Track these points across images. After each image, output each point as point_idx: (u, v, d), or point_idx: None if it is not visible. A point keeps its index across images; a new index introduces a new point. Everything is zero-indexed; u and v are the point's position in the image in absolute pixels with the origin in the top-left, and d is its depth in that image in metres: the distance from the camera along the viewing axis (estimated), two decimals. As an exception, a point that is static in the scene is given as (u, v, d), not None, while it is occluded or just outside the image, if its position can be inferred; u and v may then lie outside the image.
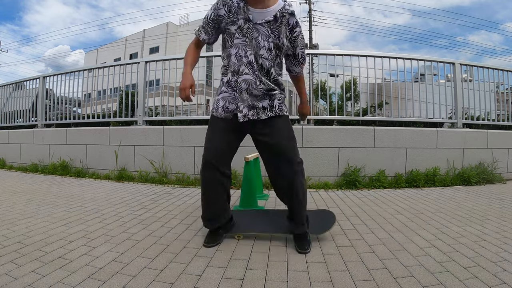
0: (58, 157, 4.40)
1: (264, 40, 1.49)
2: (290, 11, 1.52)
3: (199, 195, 2.94)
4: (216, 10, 1.54)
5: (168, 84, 4.20)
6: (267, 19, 1.48)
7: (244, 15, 1.48)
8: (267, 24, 1.49)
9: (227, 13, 1.51)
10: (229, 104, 1.54)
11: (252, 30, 1.48)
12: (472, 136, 3.84)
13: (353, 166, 3.42)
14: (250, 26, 1.48)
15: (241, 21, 1.49)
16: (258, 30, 1.49)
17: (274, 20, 1.49)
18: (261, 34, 1.49)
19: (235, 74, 1.52)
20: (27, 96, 5.44)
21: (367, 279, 1.26)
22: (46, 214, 2.21)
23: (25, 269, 1.31)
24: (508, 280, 1.23)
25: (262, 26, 1.48)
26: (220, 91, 1.58)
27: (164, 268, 1.35)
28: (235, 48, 1.51)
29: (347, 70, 3.87)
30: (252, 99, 1.52)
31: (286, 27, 1.53)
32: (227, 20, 1.52)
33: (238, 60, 1.51)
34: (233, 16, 1.50)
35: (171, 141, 3.76)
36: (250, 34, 1.49)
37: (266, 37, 1.49)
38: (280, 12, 1.49)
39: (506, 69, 4.35)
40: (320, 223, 1.78)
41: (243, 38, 1.49)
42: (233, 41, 1.51)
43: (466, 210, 2.38)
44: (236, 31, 1.50)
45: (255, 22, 1.48)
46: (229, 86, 1.55)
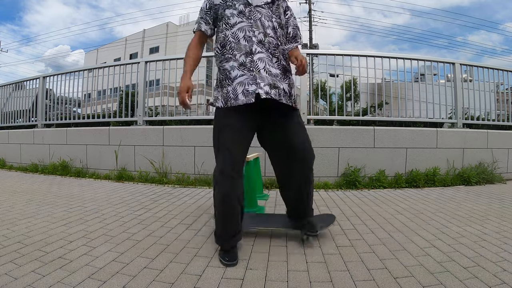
0: (58, 157, 4.40)
1: (268, 20, 1.52)
2: None
3: (199, 195, 2.96)
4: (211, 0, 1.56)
5: (168, 84, 4.20)
6: (266, 1, 1.54)
7: (243, 0, 1.51)
8: (266, 6, 1.54)
9: (224, 1, 1.53)
10: (248, 86, 1.42)
11: (254, 12, 1.50)
12: (472, 136, 3.83)
13: (353, 166, 3.42)
14: (252, 8, 1.50)
15: (241, 6, 1.50)
16: (260, 12, 1.51)
17: (271, 2, 1.55)
18: (263, 15, 1.52)
19: (248, 55, 1.46)
20: (27, 96, 5.44)
21: (367, 279, 1.26)
22: (46, 214, 2.21)
23: (25, 269, 1.31)
24: (508, 280, 1.23)
25: (262, 8, 1.52)
26: (233, 77, 1.46)
27: (164, 268, 1.35)
28: (242, 31, 1.48)
29: (347, 70, 3.87)
30: (272, 78, 1.46)
31: (280, 8, 1.60)
32: (224, 6, 1.53)
33: (248, 41, 1.47)
34: (230, 1, 1.52)
35: (171, 141, 3.76)
36: (253, 16, 1.50)
37: (269, 17, 1.53)
38: None
39: (506, 69, 4.35)
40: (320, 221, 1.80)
41: (248, 20, 1.49)
42: (234, 24, 1.49)
43: (466, 210, 2.38)
44: (238, 15, 1.50)
45: (255, 4, 1.51)
46: (244, 68, 1.45)
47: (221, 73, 1.53)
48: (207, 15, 1.58)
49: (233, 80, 1.46)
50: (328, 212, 2.32)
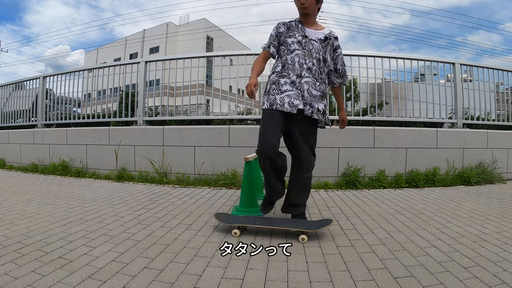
0: (58, 157, 4.40)
1: (316, 52, 1.90)
2: (335, 36, 2.00)
3: (199, 195, 2.96)
4: (277, 29, 1.98)
5: (168, 84, 4.21)
6: (319, 37, 1.92)
7: (301, 33, 1.91)
8: (319, 41, 1.92)
9: (286, 30, 1.95)
10: (294, 100, 1.83)
11: (308, 44, 1.90)
12: (472, 136, 3.84)
13: (353, 166, 3.42)
14: (307, 41, 1.90)
15: (300, 37, 1.90)
16: (313, 45, 1.90)
17: (324, 39, 1.93)
18: (315, 48, 1.90)
19: (298, 77, 1.86)
20: (27, 96, 5.44)
21: (367, 279, 1.26)
22: (46, 214, 2.21)
23: (25, 269, 1.31)
24: (508, 280, 1.23)
25: (315, 41, 1.91)
26: (284, 90, 1.86)
27: (164, 268, 1.35)
28: (297, 57, 1.88)
29: (347, 70, 3.86)
30: (311, 98, 1.85)
31: (331, 47, 1.98)
32: (285, 35, 1.94)
33: (300, 66, 1.87)
34: (291, 32, 1.93)
35: (171, 141, 3.76)
36: (307, 47, 1.89)
37: (317, 50, 1.91)
38: (328, 35, 1.96)
39: (506, 69, 4.35)
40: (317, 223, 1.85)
41: (303, 50, 1.89)
42: (293, 51, 1.89)
43: (466, 210, 2.38)
44: (297, 43, 1.89)
45: (310, 38, 1.91)
46: (294, 86, 1.85)
47: (274, 85, 1.90)
48: (275, 40, 1.97)
49: (283, 92, 1.85)
50: (327, 211, 2.32)
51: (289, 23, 1.97)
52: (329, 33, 1.97)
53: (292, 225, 1.79)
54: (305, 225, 1.78)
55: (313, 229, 1.75)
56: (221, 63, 4.11)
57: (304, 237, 1.69)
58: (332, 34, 1.98)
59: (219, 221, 1.88)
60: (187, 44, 33.49)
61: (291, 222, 1.88)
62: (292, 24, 1.96)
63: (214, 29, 36.19)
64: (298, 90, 1.85)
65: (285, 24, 1.97)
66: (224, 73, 4.14)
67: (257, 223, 1.87)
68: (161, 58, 4.21)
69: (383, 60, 3.87)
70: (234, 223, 1.84)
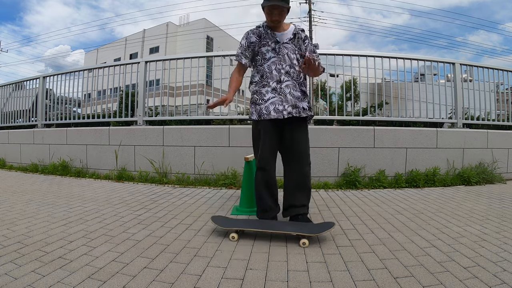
0: (58, 157, 4.40)
1: (292, 53, 1.96)
2: (301, 29, 2.06)
3: (199, 195, 2.96)
4: (248, 38, 1.99)
5: (168, 84, 4.21)
6: (289, 38, 1.97)
7: (273, 39, 1.95)
8: (290, 41, 1.97)
9: (258, 39, 1.97)
10: (279, 106, 1.90)
11: (282, 48, 1.95)
12: (472, 136, 3.83)
13: (353, 166, 3.42)
14: (280, 46, 1.95)
15: (273, 44, 1.95)
16: (286, 47, 1.95)
17: (293, 37, 1.98)
18: (289, 49, 1.95)
19: (278, 83, 1.93)
20: (27, 96, 5.43)
21: (367, 279, 1.26)
22: (46, 214, 2.21)
23: (25, 269, 1.31)
24: (508, 280, 1.23)
25: (287, 44, 1.96)
26: (267, 99, 1.92)
27: (164, 268, 1.35)
28: (274, 64, 1.94)
29: (347, 70, 3.87)
30: (294, 100, 1.92)
31: (301, 40, 2.02)
32: (259, 44, 1.97)
33: (278, 72, 1.93)
34: (264, 40, 1.96)
35: (171, 141, 3.76)
36: (281, 52, 1.94)
37: (292, 51, 1.96)
38: (295, 30, 2.01)
39: (506, 69, 4.35)
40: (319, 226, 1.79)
41: (277, 55, 1.94)
42: (269, 59, 1.94)
43: (466, 210, 2.38)
44: (271, 51, 1.94)
45: (282, 42, 1.96)
46: (275, 92, 1.92)
47: (257, 95, 1.97)
48: (246, 51, 1.99)
49: (266, 100, 1.92)
50: (327, 211, 2.32)
51: (257, 30, 1.99)
52: (295, 29, 2.01)
53: (293, 228, 1.74)
54: (306, 228, 1.73)
55: (314, 232, 1.70)
56: (221, 63, 4.11)
57: (305, 242, 1.63)
58: (298, 28, 2.03)
59: (216, 224, 1.83)
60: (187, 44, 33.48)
61: (291, 225, 1.83)
62: (261, 31, 1.98)
63: (214, 29, 36.19)
64: (280, 95, 1.91)
65: (255, 33, 1.98)
66: (224, 73, 4.13)
67: (256, 226, 1.80)
68: (161, 58, 4.21)
69: (383, 60, 3.87)
70: (232, 226, 1.78)
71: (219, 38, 36.25)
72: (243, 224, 1.85)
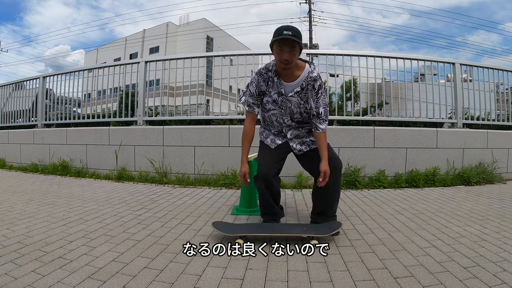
0: (58, 157, 4.40)
1: (296, 107, 1.78)
2: (314, 77, 1.75)
3: (199, 195, 2.96)
4: (258, 87, 1.80)
5: (168, 84, 4.20)
6: (296, 91, 1.75)
7: (277, 89, 1.76)
8: (296, 94, 1.76)
9: (266, 86, 1.79)
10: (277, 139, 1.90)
11: (286, 101, 1.77)
12: (472, 136, 3.83)
13: (353, 166, 3.42)
14: (284, 99, 1.77)
15: (275, 95, 1.78)
16: (290, 101, 1.77)
17: (301, 90, 1.75)
18: (293, 103, 1.77)
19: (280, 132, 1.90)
20: (27, 96, 5.43)
21: (367, 279, 1.26)
22: (46, 214, 2.21)
23: (25, 269, 1.31)
24: (508, 280, 1.23)
25: (292, 97, 1.76)
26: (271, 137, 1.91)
27: (164, 268, 1.35)
28: (274, 116, 1.85)
29: (347, 70, 3.87)
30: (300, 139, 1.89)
31: (312, 91, 1.77)
32: (266, 92, 1.80)
33: (279, 124, 1.87)
34: (270, 88, 1.78)
35: (171, 141, 3.76)
36: (284, 105, 1.78)
37: (297, 105, 1.78)
38: (305, 81, 1.74)
39: (506, 69, 4.35)
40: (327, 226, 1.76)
41: (279, 109, 1.80)
42: (268, 110, 1.83)
43: (466, 210, 2.38)
44: (272, 103, 1.80)
45: (287, 95, 1.76)
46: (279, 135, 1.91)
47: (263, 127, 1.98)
48: (257, 100, 1.84)
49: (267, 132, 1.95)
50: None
51: (266, 74, 1.77)
52: (307, 78, 1.74)
53: (300, 230, 1.69)
54: (314, 229, 1.68)
55: (324, 233, 1.64)
56: (221, 63, 4.11)
57: (316, 242, 1.57)
58: (310, 77, 1.74)
59: (217, 230, 1.72)
60: (187, 44, 33.47)
61: (297, 227, 1.79)
62: (270, 76, 1.76)
63: (214, 29, 36.18)
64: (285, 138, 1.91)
65: (265, 80, 1.77)
66: (224, 73, 4.14)
67: (260, 231, 1.71)
68: (161, 58, 4.21)
69: (383, 60, 3.87)
70: (234, 232, 1.67)
71: (219, 38, 36.25)
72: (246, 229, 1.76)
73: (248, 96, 1.84)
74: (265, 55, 3.89)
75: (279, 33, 1.60)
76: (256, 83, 1.79)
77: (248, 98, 1.83)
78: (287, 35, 1.57)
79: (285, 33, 1.58)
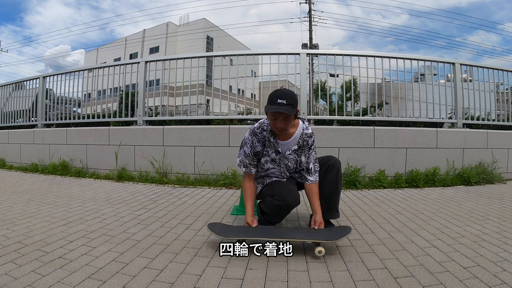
0: (58, 157, 4.40)
1: (292, 164, 1.83)
2: (309, 134, 1.81)
3: (199, 195, 2.96)
4: (253, 148, 1.78)
5: (168, 84, 4.20)
6: (293, 149, 1.79)
7: (274, 148, 1.77)
8: (293, 153, 1.80)
9: (262, 147, 1.78)
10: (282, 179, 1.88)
11: (283, 159, 1.80)
12: (472, 136, 3.83)
13: (353, 166, 3.42)
14: (281, 157, 1.79)
15: (273, 154, 1.79)
16: (287, 158, 1.80)
17: (298, 148, 1.80)
18: (290, 160, 1.81)
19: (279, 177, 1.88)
20: (27, 96, 5.43)
21: (367, 279, 1.26)
22: (46, 214, 2.21)
23: (25, 269, 1.31)
24: (508, 280, 1.23)
25: (290, 155, 1.80)
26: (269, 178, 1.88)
27: (164, 268, 1.35)
28: (272, 175, 1.86)
29: (347, 70, 3.87)
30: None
31: (306, 147, 1.82)
32: (262, 152, 1.80)
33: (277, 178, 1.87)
34: (268, 148, 1.78)
35: (171, 141, 3.76)
36: (282, 162, 1.81)
37: (294, 162, 1.82)
38: (301, 139, 1.79)
39: (506, 69, 4.35)
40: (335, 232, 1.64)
41: (278, 167, 1.82)
42: (267, 169, 1.83)
43: (466, 210, 2.38)
44: (271, 162, 1.81)
45: (284, 153, 1.79)
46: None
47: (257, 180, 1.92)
48: (253, 161, 1.81)
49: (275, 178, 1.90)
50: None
51: (261, 134, 1.75)
52: (302, 135, 1.78)
53: (305, 235, 1.59)
54: (320, 234, 1.55)
55: (332, 239, 1.52)
56: (221, 63, 4.11)
57: (321, 250, 1.45)
58: (305, 133, 1.78)
59: (213, 233, 1.61)
60: (187, 44, 33.50)
61: (302, 231, 1.72)
62: (265, 136, 1.75)
63: (214, 29, 36.21)
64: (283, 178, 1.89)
65: (260, 140, 1.76)
66: (224, 73, 4.14)
67: (259, 235, 1.58)
68: (161, 58, 4.21)
69: (383, 60, 3.87)
70: (231, 236, 1.57)
71: (219, 38, 36.28)
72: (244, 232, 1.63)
73: (243, 156, 1.80)
74: (265, 55, 3.89)
75: (272, 101, 1.58)
76: (251, 143, 1.77)
77: (244, 159, 1.80)
78: (281, 104, 1.55)
79: (280, 101, 1.55)
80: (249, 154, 1.77)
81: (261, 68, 4.81)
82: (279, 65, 3.77)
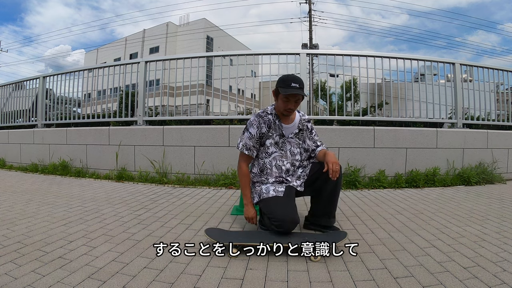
0: (58, 157, 4.40)
1: (295, 148, 1.88)
2: (307, 119, 1.95)
3: (199, 195, 2.96)
4: (259, 129, 1.81)
5: (168, 84, 4.20)
6: (295, 132, 1.87)
7: (279, 131, 1.83)
8: (295, 136, 1.88)
9: (268, 130, 1.82)
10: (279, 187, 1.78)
11: (285, 143, 1.85)
12: (472, 136, 3.83)
13: (353, 166, 3.42)
14: (284, 140, 1.85)
15: (277, 137, 1.84)
16: (290, 142, 1.87)
17: (299, 131, 1.89)
18: (293, 144, 1.87)
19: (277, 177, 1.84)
20: (27, 96, 5.44)
21: (367, 279, 1.26)
22: (46, 214, 2.21)
23: (25, 269, 1.31)
24: (508, 280, 1.23)
25: (292, 138, 1.87)
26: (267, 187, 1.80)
27: (164, 268, 1.35)
28: (275, 160, 1.84)
29: (347, 70, 3.87)
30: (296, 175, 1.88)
31: (307, 131, 1.94)
32: (267, 135, 1.83)
33: (278, 168, 1.84)
34: (272, 130, 1.83)
35: (171, 141, 3.76)
36: (284, 147, 1.85)
37: (296, 145, 1.89)
38: (301, 124, 1.90)
39: (506, 69, 4.35)
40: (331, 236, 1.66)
41: (280, 151, 1.85)
42: (271, 154, 1.84)
43: (466, 210, 2.38)
44: (274, 145, 1.83)
45: (287, 136, 1.85)
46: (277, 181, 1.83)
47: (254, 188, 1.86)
48: (256, 143, 1.82)
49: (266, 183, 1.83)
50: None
51: (267, 118, 1.81)
52: (301, 120, 1.89)
53: (300, 239, 1.55)
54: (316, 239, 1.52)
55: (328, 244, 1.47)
56: (221, 63, 4.11)
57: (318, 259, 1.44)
58: (303, 120, 1.91)
59: (210, 238, 1.59)
60: (187, 44, 33.50)
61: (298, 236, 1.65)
62: (270, 119, 1.81)
63: (214, 29, 36.21)
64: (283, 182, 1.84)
65: (266, 122, 1.81)
66: (224, 73, 4.14)
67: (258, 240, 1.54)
68: (161, 58, 4.21)
69: (383, 60, 3.87)
70: (228, 240, 1.52)
71: (219, 38, 36.27)
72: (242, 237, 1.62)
73: (247, 139, 1.81)
74: (265, 55, 3.89)
75: (287, 85, 1.69)
76: (257, 124, 1.81)
77: (248, 141, 1.81)
78: (294, 88, 1.67)
79: (293, 85, 1.68)
80: (254, 135, 1.80)
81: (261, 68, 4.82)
82: (279, 65, 3.77)
